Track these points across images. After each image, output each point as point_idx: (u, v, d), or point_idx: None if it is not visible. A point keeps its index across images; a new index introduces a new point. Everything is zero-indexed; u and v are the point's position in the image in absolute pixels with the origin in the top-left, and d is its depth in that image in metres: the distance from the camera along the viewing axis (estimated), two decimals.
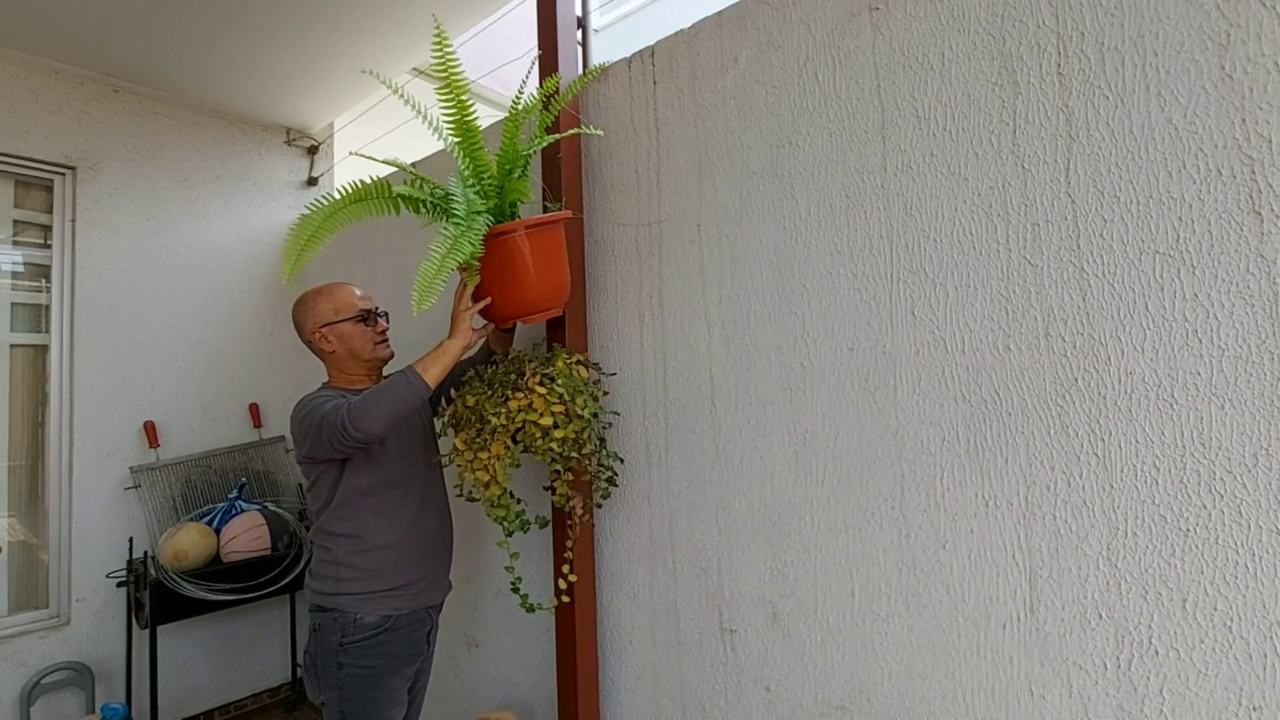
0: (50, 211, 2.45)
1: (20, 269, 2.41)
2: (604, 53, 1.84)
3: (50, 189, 2.45)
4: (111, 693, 2.41)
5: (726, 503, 1.45)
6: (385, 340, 1.62)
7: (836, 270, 1.29)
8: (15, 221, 2.40)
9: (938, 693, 1.17)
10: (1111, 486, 1.01)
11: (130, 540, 2.43)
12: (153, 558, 2.34)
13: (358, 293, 1.61)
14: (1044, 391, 1.05)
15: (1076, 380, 1.03)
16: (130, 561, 2.40)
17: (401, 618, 1.48)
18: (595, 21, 1.97)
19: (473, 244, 1.26)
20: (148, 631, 2.30)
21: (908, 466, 1.19)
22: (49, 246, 2.45)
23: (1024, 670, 1.09)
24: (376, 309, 1.61)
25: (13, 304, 2.38)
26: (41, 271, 2.45)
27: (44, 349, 2.43)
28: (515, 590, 1.45)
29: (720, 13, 1.47)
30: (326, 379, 1.62)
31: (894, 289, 1.21)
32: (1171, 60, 0.97)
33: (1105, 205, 1.01)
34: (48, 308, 2.44)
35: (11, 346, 2.38)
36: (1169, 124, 0.97)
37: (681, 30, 1.55)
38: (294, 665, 2.86)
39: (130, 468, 2.49)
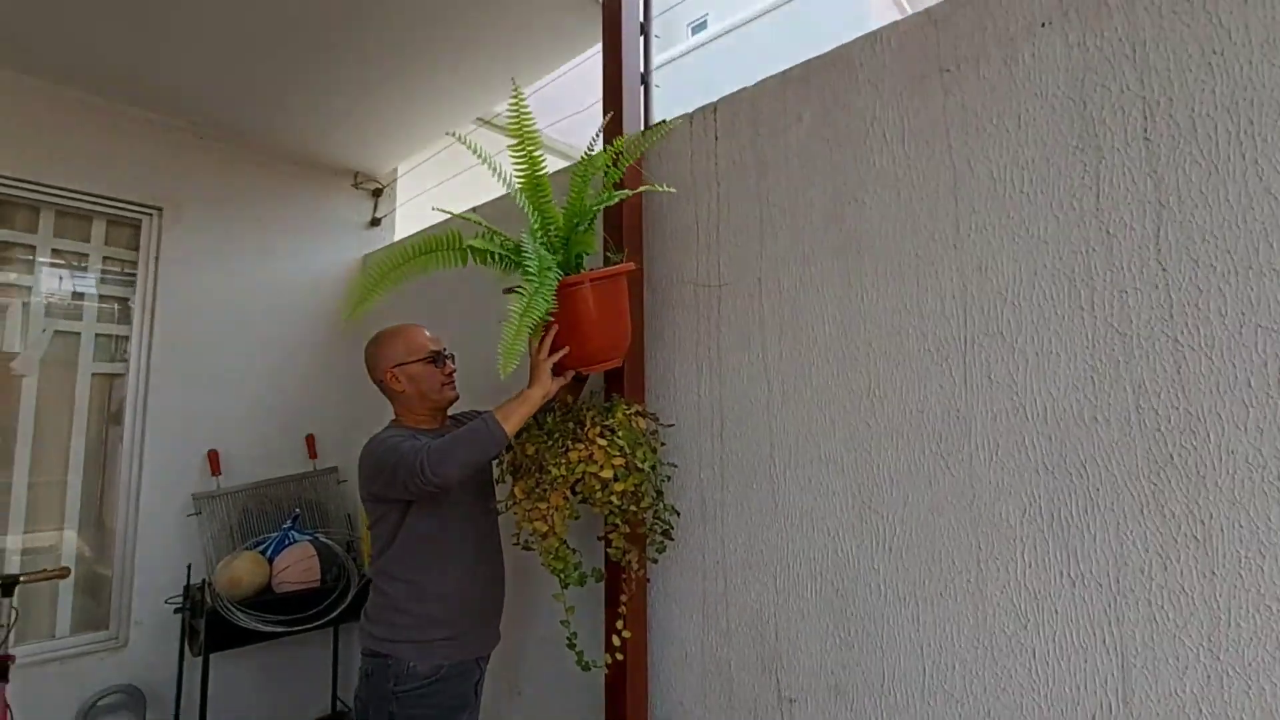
0: (135, 249, 2.60)
1: (105, 302, 2.56)
2: (661, 106, 1.89)
3: (137, 228, 2.61)
4: (161, 718, 2.45)
5: (786, 564, 1.41)
6: (452, 382, 1.65)
7: (905, 329, 1.26)
8: (105, 258, 2.56)
9: None
10: (1213, 573, 0.94)
11: (189, 567, 2.50)
12: (209, 585, 2.40)
13: (428, 334, 1.65)
14: (1135, 467, 1.00)
15: (1172, 457, 0.97)
16: (188, 588, 2.46)
17: (452, 667, 1.47)
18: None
19: (546, 300, 1.28)
20: (199, 658, 2.35)
21: (984, 538, 1.14)
22: (132, 282, 2.60)
23: None
24: (445, 350, 1.65)
25: (96, 335, 2.52)
26: (122, 304, 2.59)
27: (120, 378, 2.56)
28: (571, 647, 1.43)
29: (784, 71, 1.49)
30: (394, 417, 1.64)
31: (968, 351, 1.18)
32: (1268, 128, 0.93)
33: (1200, 274, 0.97)
34: (126, 339, 2.57)
35: (93, 375, 2.51)
36: (1268, 194, 0.93)
37: (744, 88, 1.57)
38: (334, 697, 2.87)
39: (193, 495, 2.58)
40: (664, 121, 1.68)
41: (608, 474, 1.34)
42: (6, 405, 2.33)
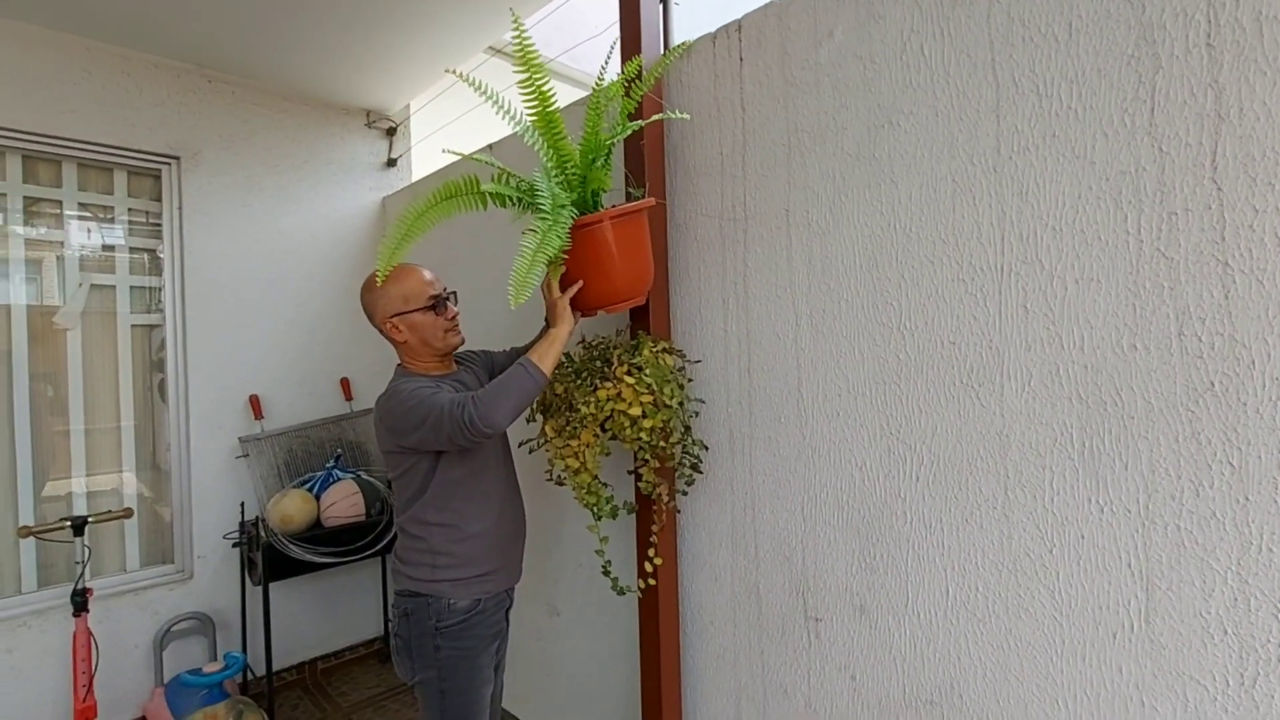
0: (159, 199, 2.61)
1: (136, 254, 2.60)
2: (685, 27, 1.79)
3: (158, 178, 2.61)
4: (229, 641, 2.67)
5: (812, 493, 1.45)
6: (456, 327, 1.57)
7: (939, 259, 1.23)
8: (130, 210, 2.58)
9: (1035, 695, 1.15)
10: (1246, 499, 0.94)
11: (242, 505, 2.65)
12: (262, 521, 2.54)
13: (426, 276, 1.54)
14: (1173, 395, 0.99)
15: (1213, 384, 0.95)
16: (243, 524, 2.62)
17: (489, 600, 1.54)
18: None
19: (560, 238, 1.27)
20: (259, 587, 2.52)
21: (1013, 467, 1.15)
22: (158, 233, 2.62)
23: (1134, 680, 1.05)
24: (445, 292, 1.55)
25: (131, 287, 2.58)
26: (152, 255, 2.63)
27: (158, 328, 2.63)
28: (606, 573, 1.50)
29: None
30: (399, 363, 1.59)
31: (1004, 280, 1.14)
32: None
33: (1258, 194, 0.91)
34: (159, 290, 2.63)
35: (132, 326, 2.58)
36: None
37: (771, 2, 1.48)
38: (385, 620, 3.08)
39: (239, 438, 2.69)
40: (684, 44, 1.60)
41: (636, 411, 1.36)
42: (55, 357, 2.42)
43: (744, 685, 1.61)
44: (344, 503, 2.60)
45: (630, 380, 1.38)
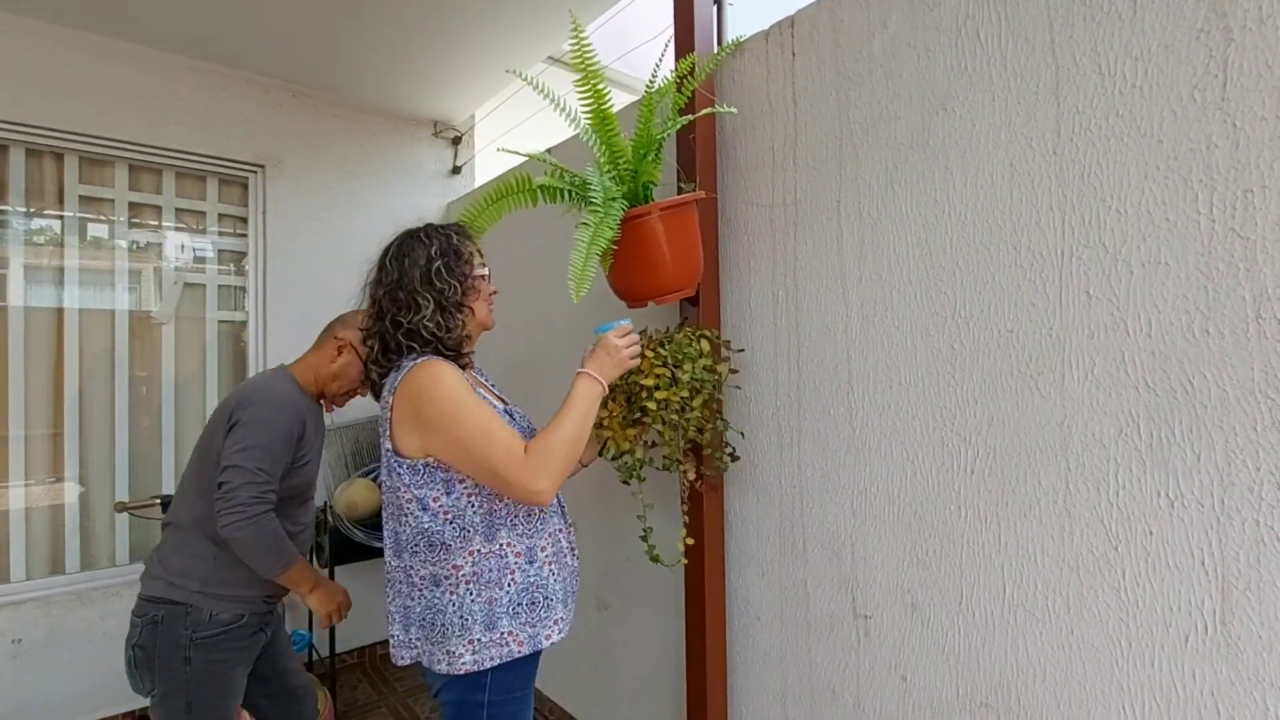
0: (245, 205, 2.82)
1: (224, 260, 2.81)
2: (739, 26, 1.82)
3: (245, 185, 2.82)
4: (295, 620, 2.81)
5: (862, 487, 1.42)
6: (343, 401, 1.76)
7: (995, 245, 1.20)
8: (220, 215, 2.79)
9: (1099, 700, 1.09)
10: None
11: None
12: (330, 507, 2.68)
13: None
14: (1250, 382, 0.93)
15: None
16: None
17: (254, 614, 1.52)
18: None
19: (611, 229, 1.31)
20: (325, 570, 2.65)
21: (1074, 459, 1.10)
22: (243, 236, 2.83)
23: (1209, 687, 0.99)
24: None
25: (219, 286, 2.79)
26: (236, 257, 2.84)
27: (241, 324, 2.83)
28: (644, 539, 1.48)
29: None
30: (299, 363, 1.75)
31: (1065, 265, 1.11)
32: None
33: None
34: (243, 289, 2.83)
35: (219, 323, 2.79)
36: None
37: None
38: None
39: None
40: (736, 40, 1.62)
41: (649, 382, 1.38)
42: (151, 353, 2.63)
43: (790, 685, 1.59)
44: None
45: (650, 354, 1.41)
